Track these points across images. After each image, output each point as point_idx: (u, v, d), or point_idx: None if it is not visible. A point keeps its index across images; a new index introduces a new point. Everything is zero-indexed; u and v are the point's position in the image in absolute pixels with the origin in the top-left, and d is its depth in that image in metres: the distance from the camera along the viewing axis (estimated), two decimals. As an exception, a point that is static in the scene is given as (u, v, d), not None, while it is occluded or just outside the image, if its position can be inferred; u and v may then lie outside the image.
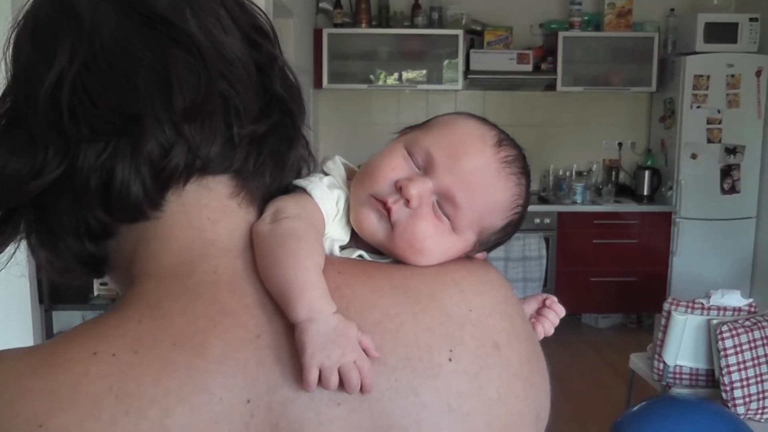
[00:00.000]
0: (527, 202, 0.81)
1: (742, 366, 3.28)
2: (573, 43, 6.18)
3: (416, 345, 0.67)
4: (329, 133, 6.36)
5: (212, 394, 0.61)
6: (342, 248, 0.77)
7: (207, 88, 0.66)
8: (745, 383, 3.28)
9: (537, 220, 5.94)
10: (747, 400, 3.27)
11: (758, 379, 3.28)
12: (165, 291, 0.66)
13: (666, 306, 3.51)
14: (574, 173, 6.41)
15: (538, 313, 0.87)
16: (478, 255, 0.81)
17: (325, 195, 0.75)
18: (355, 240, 0.78)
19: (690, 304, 3.48)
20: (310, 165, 0.79)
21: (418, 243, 0.74)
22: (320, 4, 6.20)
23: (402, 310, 0.68)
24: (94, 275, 0.75)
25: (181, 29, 0.67)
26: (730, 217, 6.00)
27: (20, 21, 0.69)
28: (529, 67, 6.12)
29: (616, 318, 6.40)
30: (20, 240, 0.72)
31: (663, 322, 3.51)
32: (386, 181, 0.76)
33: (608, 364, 5.41)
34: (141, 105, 0.64)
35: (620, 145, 6.61)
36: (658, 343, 3.54)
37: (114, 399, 0.58)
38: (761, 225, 6.01)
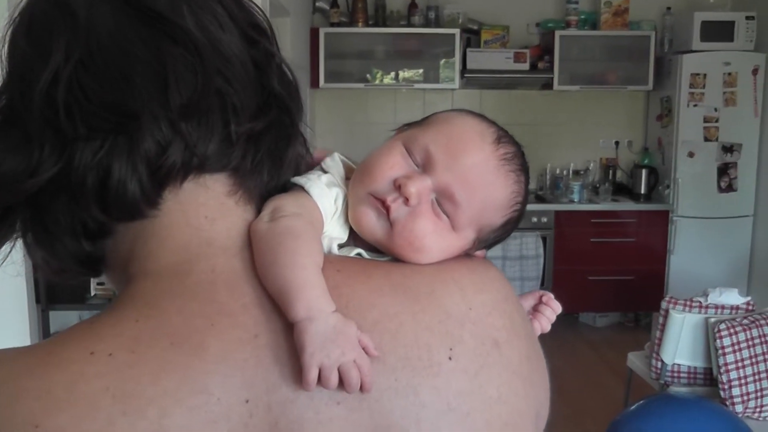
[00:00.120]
0: (526, 200, 0.80)
1: (740, 364, 3.28)
2: (570, 42, 6.18)
3: (416, 344, 0.66)
4: (326, 133, 6.35)
5: (210, 394, 0.60)
6: (340, 246, 0.76)
7: (204, 86, 0.65)
8: (743, 381, 3.28)
9: (534, 219, 5.93)
10: (745, 398, 3.28)
11: (756, 377, 3.29)
12: (162, 290, 0.66)
13: (664, 304, 3.52)
14: (571, 172, 6.42)
15: (535, 309, 0.87)
16: (478, 253, 0.81)
17: (324, 193, 0.74)
18: (354, 238, 0.77)
19: (688, 303, 3.48)
20: (307, 162, 0.79)
21: (417, 241, 0.74)
22: (317, 4, 6.20)
23: (401, 309, 0.68)
24: (91, 274, 0.74)
25: (178, 26, 0.66)
26: (727, 216, 6.01)
27: (16, 18, 0.69)
28: (525, 66, 6.13)
29: (613, 317, 6.41)
30: (16, 239, 0.71)
31: (661, 320, 3.51)
32: (385, 179, 0.75)
33: (606, 363, 5.41)
34: (137, 102, 0.63)
35: (617, 143, 6.61)
36: (656, 341, 3.54)
37: (111, 399, 0.58)
38: (758, 223, 6.02)
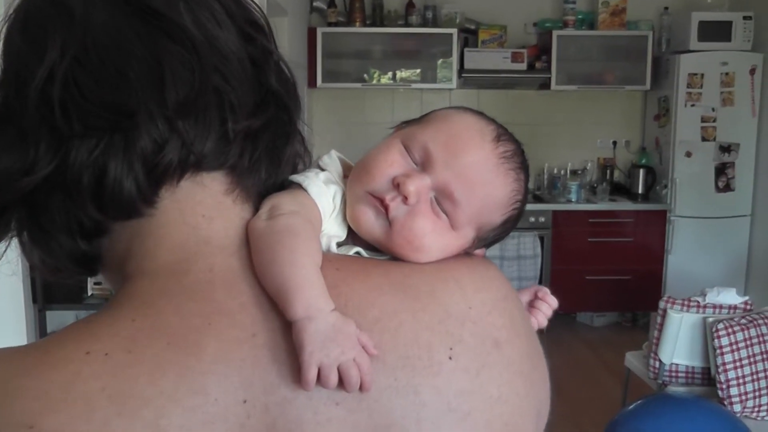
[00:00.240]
0: (526, 198, 0.80)
1: (738, 364, 3.28)
2: (567, 42, 6.18)
3: (416, 343, 0.66)
4: (323, 133, 6.34)
5: (207, 395, 0.60)
6: (339, 245, 0.76)
7: (201, 83, 0.65)
8: (741, 381, 3.28)
9: (532, 219, 5.93)
10: (743, 397, 3.28)
11: (754, 376, 3.29)
12: (159, 289, 0.65)
13: (662, 304, 3.52)
14: (568, 172, 6.43)
15: (531, 305, 0.86)
16: (478, 251, 0.80)
17: (322, 191, 0.74)
18: (353, 237, 0.77)
19: (686, 302, 3.48)
20: (305, 161, 0.78)
21: (417, 240, 0.73)
22: (314, 3, 6.20)
23: (401, 308, 0.67)
24: (87, 274, 0.74)
25: (175, 23, 0.66)
26: (724, 215, 6.01)
27: (11, 15, 0.68)
28: (523, 66, 6.13)
29: (611, 316, 6.41)
30: (11, 238, 0.71)
31: (659, 320, 3.51)
32: (383, 177, 0.74)
33: (603, 362, 5.41)
34: (134, 100, 0.63)
35: (615, 143, 6.61)
36: (654, 341, 3.54)
37: (107, 399, 0.57)
38: (756, 223, 6.03)
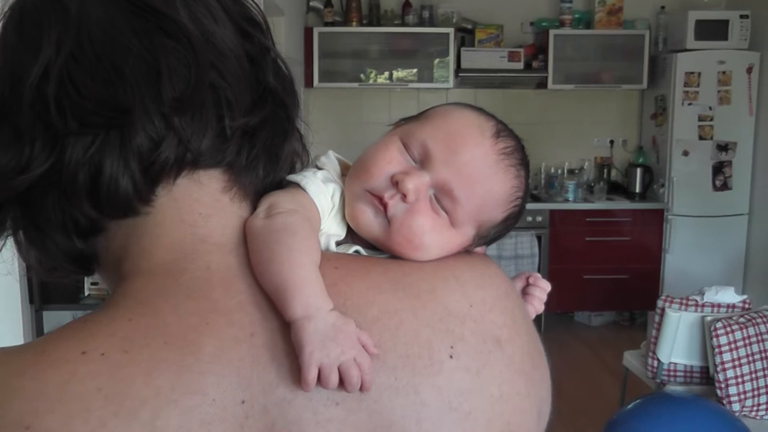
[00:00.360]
0: (527, 195, 0.79)
1: (736, 363, 3.28)
2: (564, 41, 6.18)
3: (416, 342, 0.65)
4: (320, 132, 6.30)
5: (205, 395, 0.59)
6: (338, 244, 0.75)
7: (197, 79, 0.64)
8: (740, 380, 3.27)
9: (529, 218, 5.93)
10: (742, 397, 3.27)
11: (753, 375, 3.28)
12: (156, 288, 0.64)
13: (660, 303, 3.52)
14: (565, 171, 6.42)
15: (525, 292, 0.85)
16: (478, 249, 0.80)
17: (320, 189, 0.73)
18: (352, 235, 0.76)
19: (684, 301, 3.48)
20: (303, 159, 0.78)
21: (416, 239, 0.73)
22: (311, 3, 6.19)
23: (401, 307, 0.67)
24: (83, 273, 0.73)
25: (172, 19, 0.65)
26: (722, 214, 6.01)
27: (6, 11, 0.68)
28: (520, 65, 6.13)
29: (608, 316, 6.41)
30: (6, 237, 0.70)
31: (657, 319, 3.51)
32: (382, 175, 0.74)
33: (602, 361, 5.41)
34: (129, 96, 0.62)
35: (612, 142, 6.61)
36: (652, 340, 3.54)
37: (103, 400, 0.57)
38: (753, 222, 6.03)
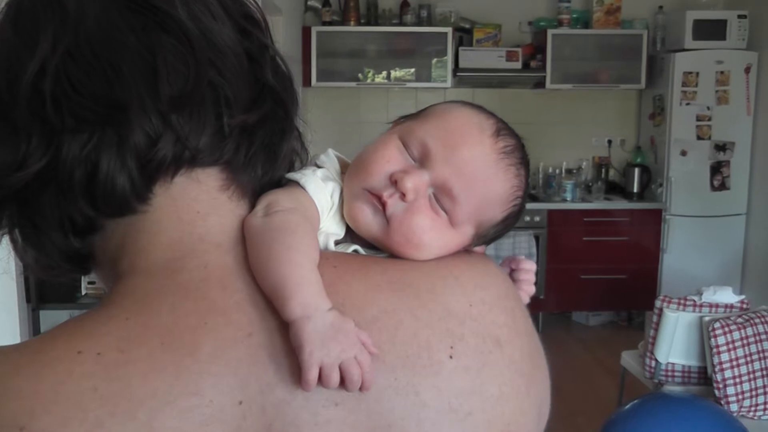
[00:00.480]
0: (527, 194, 0.79)
1: (734, 363, 3.28)
2: (562, 41, 6.18)
3: (415, 342, 0.65)
4: (318, 131, 6.29)
5: (202, 396, 0.59)
6: (337, 243, 0.74)
7: (196, 77, 0.64)
8: (737, 380, 3.27)
9: (527, 218, 5.92)
10: (740, 397, 3.27)
11: (751, 376, 3.28)
12: (153, 288, 0.64)
13: (658, 303, 3.51)
14: (563, 171, 6.42)
15: (512, 278, 0.82)
16: (477, 248, 0.79)
17: (320, 188, 0.72)
18: (351, 234, 0.75)
19: (682, 301, 3.48)
20: (302, 158, 0.77)
21: (415, 238, 0.72)
22: (309, 2, 6.18)
23: (400, 306, 0.66)
24: (80, 272, 0.73)
25: (170, 15, 0.65)
26: (720, 214, 6.01)
27: (4, 8, 0.67)
28: (518, 65, 6.13)
29: (606, 316, 6.41)
30: (2, 236, 0.70)
31: (655, 319, 3.51)
32: (381, 173, 0.73)
33: (599, 362, 5.41)
34: (126, 93, 0.62)
35: (610, 142, 6.61)
36: (650, 340, 3.54)
37: (99, 400, 0.56)
38: (751, 222, 6.03)
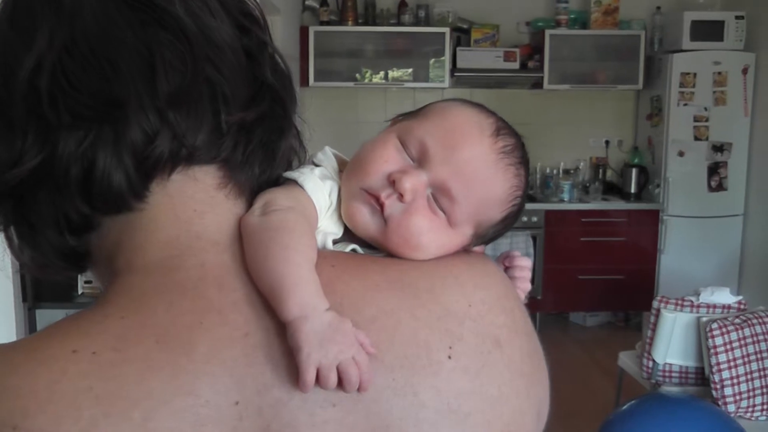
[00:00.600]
0: (526, 193, 0.78)
1: (732, 364, 3.27)
2: (560, 41, 6.18)
3: (414, 342, 0.64)
4: (315, 131, 6.30)
5: (198, 396, 0.58)
6: (335, 242, 0.74)
7: (193, 73, 0.63)
8: (735, 381, 3.27)
9: (524, 218, 5.91)
10: (737, 398, 3.27)
11: (748, 376, 3.28)
12: (149, 286, 0.63)
13: (655, 304, 3.51)
14: (561, 171, 6.42)
15: (507, 275, 0.81)
16: (477, 248, 0.78)
17: (318, 186, 0.72)
18: (349, 234, 0.75)
19: (679, 302, 3.48)
20: (300, 156, 0.77)
21: (413, 239, 0.71)
22: (306, 2, 6.18)
23: (399, 306, 0.65)
24: (76, 270, 0.72)
25: (167, 11, 0.64)
26: (717, 215, 6.01)
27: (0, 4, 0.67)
28: (515, 65, 6.13)
29: (603, 316, 6.41)
30: (-2, 234, 0.69)
31: (652, 319, 3.51)
32: (378, 173, 0.73)
33: (597, 362, 5.40)
34: (123, 90, 0.61)
35: (607, 143, 6.61)
36: (648, 341, 3.53)
37: (94, 399, 0.55)
38: (748, 222, 6.03)
